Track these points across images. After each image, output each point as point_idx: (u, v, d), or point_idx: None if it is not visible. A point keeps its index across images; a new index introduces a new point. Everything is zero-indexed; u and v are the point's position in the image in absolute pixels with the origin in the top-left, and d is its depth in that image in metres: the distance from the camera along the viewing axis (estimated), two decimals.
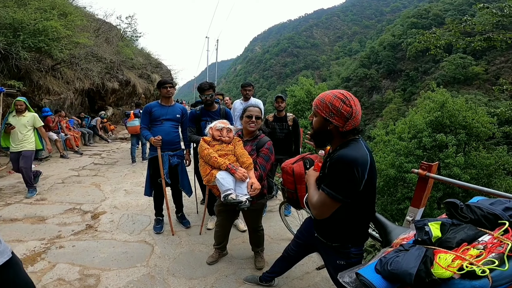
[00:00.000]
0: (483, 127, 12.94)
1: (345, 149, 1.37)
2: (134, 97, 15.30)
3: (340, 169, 1.32)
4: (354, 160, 1.31)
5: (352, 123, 1.37)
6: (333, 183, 1.35)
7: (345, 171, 1.31)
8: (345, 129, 1.38)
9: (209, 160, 2.25)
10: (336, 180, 1.34)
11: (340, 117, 1.37)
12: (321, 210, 1.42)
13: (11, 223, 3.47)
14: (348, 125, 1.37)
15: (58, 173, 5.89)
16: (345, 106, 1.35)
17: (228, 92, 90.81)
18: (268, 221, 3.67)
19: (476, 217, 1.22)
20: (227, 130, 2.42)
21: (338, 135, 1.44)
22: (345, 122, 1.37)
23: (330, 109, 1.38)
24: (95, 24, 12.55)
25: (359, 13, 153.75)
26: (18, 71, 6.60)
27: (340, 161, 1.33)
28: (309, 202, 1.49)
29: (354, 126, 1.39)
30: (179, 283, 2.45)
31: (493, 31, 9.43)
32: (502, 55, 42.26)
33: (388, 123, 19.25)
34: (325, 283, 2.50)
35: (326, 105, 1.39)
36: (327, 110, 1.39)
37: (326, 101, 1.39)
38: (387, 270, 1.12)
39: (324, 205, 1.40)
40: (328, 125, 1.42)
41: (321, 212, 1.43)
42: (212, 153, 2.27)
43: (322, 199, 1.39)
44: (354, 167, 1.31)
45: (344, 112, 1.35)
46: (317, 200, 1.42)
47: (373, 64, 65.57)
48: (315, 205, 1.43)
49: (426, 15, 64.01)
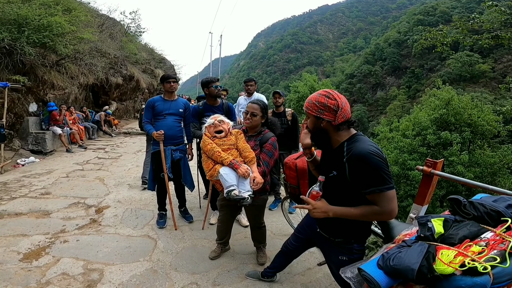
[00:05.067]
0: (489, 125, 12.85)
1: (360, 143, 1.38)
2: (138, 92, 15.35)
3: (376, 162, 1.31)
4: (379, 150, 1.36)
5: (342, 115, 1.41)
6: (379, 177, 1.32)
7: (378, 161, 1.32)
8: (337, 122, 1.42)
9: (213, 154, 2.25)
10: (380, 173, 1.32)
11: (329, 112, 1.42)
12: (393, 207, 1.35)
13: (16, 217, 3.50)
14: (339, 117, 1.41)
15: (62, 167, 5.94)
16: (330, 100, 1.42)
17: (232, 88, 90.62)
18: (270, 217, 3.68)
19: (479, 214, 1.22)
20: (218, 121, 2.41)
21: (333, 131, 1.47)
22: (335, 115, 1.41)
23: (318, 107, 1.44)
24: (99, 20, 12.55)
25: (364, 10, 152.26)
26: (23, 66, 6.63)
27: (369, 155, 1.32)
28: (369, 217, 1.43)
29: (346, 118, 1.43)
30: (182, 278, 2.47)
31: (501, 29, 9.30)
32: (509, 53, 41.69)
33: (392, 120, 19.16)
34: (327, 279, 2.51)
35: (314, 104, 1.45)
36: (316, 108, 1.45)
37: (313, 101, 1.46)
38: (389, 266, 1.12)
39: (392, 201, 1.34)
40: (321, 122, 1.46)
41: (395, 209, 1.36)
42: (216, 148, 2.27)
43: (389, 196, 1.33)
44: (382, 155, 1.35)
45: (331, 106, 1.41)
46: (384, 204, 1.34)
47: (377, 61, 65.06)
48: (385, 210, 1.34)
49: (433, 12, 63.22)
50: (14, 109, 6.86)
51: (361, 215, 1.40)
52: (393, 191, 1.34)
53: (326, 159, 1.58)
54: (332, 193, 1.48)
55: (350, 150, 1.39)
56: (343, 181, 1.43)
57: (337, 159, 1.45)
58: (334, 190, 1.49)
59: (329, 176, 1.49)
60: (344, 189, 1.45)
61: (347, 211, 1.43)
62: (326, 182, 1.50)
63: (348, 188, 1.43)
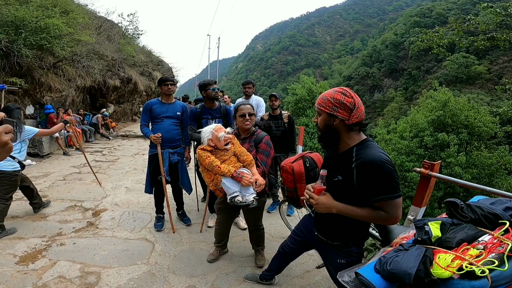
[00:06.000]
0: (485, 126, 12.92)
1: (371, 150, 1.36)
2: (136, 94, 15.30)
3: (388, 170, 1.30)
4: (389, 158, 1.34)
5: (357, 114, 1.37)
6: (390, 186, 1.31)
7: (391, 169, 1.31)
8: (351, 122, 1.38)
9: (212, 169, 2.21)
10: (391, 182, 1.31)
11: (344, 109, 1.37)
12: (399, 213, 1.35)
13: (12, 220, 3.48)
14: (354, 116, 1.37)
15: (59, 170, 5.91)
16: (346, 98, 1.36)
17: (230, 90, 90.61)
18: (269, 219, 3.68)
19: (476, 217, 1.22)
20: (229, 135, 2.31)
21: (345, 131, 1.42)
22: (350, 114, 1.37)
23: (332, 103, 1.38)
24: (97, 22, 12.54)
25: (361, 12, 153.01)
26: (19, 69, 6.61)
27: (382, 164, 1.30)
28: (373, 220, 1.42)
29: (360, 119, 1.39)
30: (180, 281, 2.46)
31: (497, 30, 9.37)
32: (505, 55, 42.04)
33: (390, 121, 19.25)
34: (326, 282, 2.50)
35: (328, 100, 1.39)
36: (330, 105, 1.39)
37: (327, 97, 1.40)
38: (386, 270, 1.12)
39: (399, 208, 1.34)
40: (334, 120, 1.41)
41: (400, 215, 1.36)
42: (215, 162, 2.20)
43: (397, 204, 1.33)
44: (393, 163, 1.33)
45: (347, 103, 1.36)
46: (391, 211, 1.34)
47: (375, 62, 65.38)
48: (391, 216, 1.34)
49: (429, 14, 63.68)
50: None
51: (366, 216, 1.38)
52: (400, 198, 1.33)
53: (332, 163, 1.53)
54: (335, 197, 1.45)
55: (360, 156, 1.35)
56: (348, 187, 1.40)
57: (344, 164, 1.42)
58: (337, 194, 1.45)
59: (333, 181, 1.46)
60: (348, 194, 1.42)
61: (351, 210, 1.40)
62: (330, 186, 1.47)
63: (352, 193, 1.40)
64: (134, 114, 16.18)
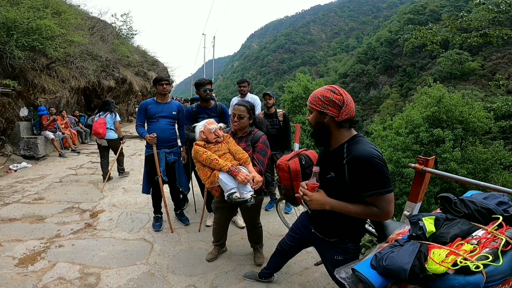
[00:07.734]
0: (480, 122, 13.00)
1: (362, 145, 1.37)
2: (131, 95, 15.20)
3: (378, 165, 1.31)
4: (380, 152, 1.36)
5: (346, 111, 1.40)
6: (380, 181, 1.32)
7: (380, 165, 1.32)
8: (341, 118, 1.41)
9: (210, 163, 2.21)
10: (382, 177, 1.32)
11: (333, 107, 1.41)
12: (391, 208, 1.36)
13: (10, 223, 3.46)
14: (343, 113, 1.40)
15: (55, 172, 5.86)
16: (335, 95, 1.40)
17: (226, 89, 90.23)
18: (267, 217, 3.69)
19: (470, 212, 1.23)
20: (219, 129, 2.38)
21: (335, 128, 1.46)
22: (339, 111, 1.40)
23: (322, 101, 1.42)
24: (90, 22, 12.39)
25: (356, 9, 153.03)
26: (12, 70, 6.52)
27: (372, 159, 1.31)
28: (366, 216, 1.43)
29: (350, 116, 1.42)
30: (179, 280, 2.47)
31: (489, 27, 9.43)
32: (498, 51, 42.27)
33: (386, 118, 19.31)
34: (324, 279, 2.52)
35: (318, 98, 1.44)
36: (320, 103, 1.43)
37: (317, 95, 1.44)
38: (382, 266, 1.13)
39: (390, 203, 1.35)
40: (324, 117, 1.45)
41: (392, 211, 1.38)
42: (212, 156, 2.22)
43: (388, 199, 1.34)
44: (383, 158, 1.35)
45: (336, 101, 1.39)
46: (383, 206, 1.35)
47: (370, 60, 65.48)
48: (383, 211, 1.35)
49: (423, 11, 63.87)
50: (5, 114, 6.76)
51: (358, 213, 1.41)
52: (392, 193, 1.35)
53: (324, 160, 1.57)
54: (329, 194, 1.47)
55: (351, 152, 1.38)
56: (341, 183, 1.42)
57: (336, 160, 1.45)
58: (331, 191, 1.47)
59: (327, 178, 1.48)
60: (341, 190, 1.44)
61: (344, 206, 1.42)
62: (323, 183, 1.49)
63: (345, 189, 1.42)
64: (129, 115, 16.07)
